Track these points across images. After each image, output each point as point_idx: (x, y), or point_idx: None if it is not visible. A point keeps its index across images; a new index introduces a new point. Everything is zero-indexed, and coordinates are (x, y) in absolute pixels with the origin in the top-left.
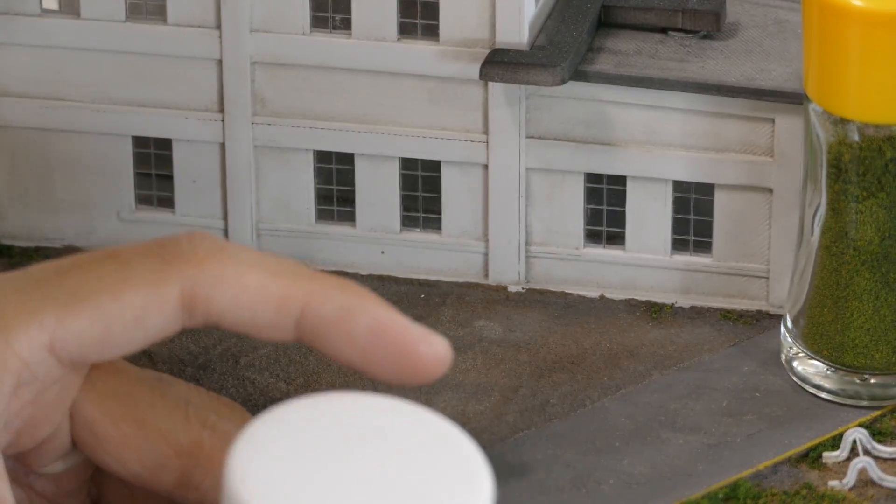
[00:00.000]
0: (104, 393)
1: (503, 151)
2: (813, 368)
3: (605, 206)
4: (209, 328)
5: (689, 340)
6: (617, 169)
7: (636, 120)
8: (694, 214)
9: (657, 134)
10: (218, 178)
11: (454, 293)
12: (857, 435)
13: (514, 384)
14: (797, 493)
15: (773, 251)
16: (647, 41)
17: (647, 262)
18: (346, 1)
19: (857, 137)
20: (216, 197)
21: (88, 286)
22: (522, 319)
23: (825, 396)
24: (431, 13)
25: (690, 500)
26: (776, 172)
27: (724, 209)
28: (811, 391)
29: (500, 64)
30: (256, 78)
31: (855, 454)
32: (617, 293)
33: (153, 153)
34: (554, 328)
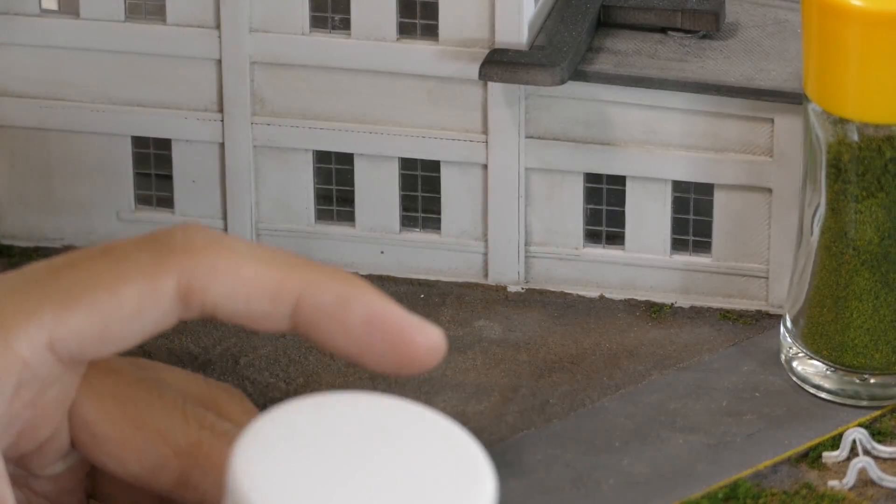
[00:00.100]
0: (102, 394)
1: (503, 151)
2: (813, 368)
3: (604, 206)
4: (205, 319)
5: (688, 340)
6: (616, 169)
7: (636, 120)
8: (693, 214)
9: (657, 134)
10: (217, 178)
11: (454, 293)
12: (856, 435)
13: (513, 384)
14: (797, 493)
15: (772, 251)
16: (646, 41)
17: (646, 262)
18: (345, 1)
19: (856, 137)
20: (216, 197)
21: (85, 283)
22: (522, 319)
23: (825, 396)
24: (431, 13)
25: (690, 500)
26: (775, 172)
27: (723, 209)
28: (811, 391)
29: (499, 64)
30: (256, 78)
31: (855, 454)
32: (616, 293)
33: (153, 153)
34: (553, 328)
